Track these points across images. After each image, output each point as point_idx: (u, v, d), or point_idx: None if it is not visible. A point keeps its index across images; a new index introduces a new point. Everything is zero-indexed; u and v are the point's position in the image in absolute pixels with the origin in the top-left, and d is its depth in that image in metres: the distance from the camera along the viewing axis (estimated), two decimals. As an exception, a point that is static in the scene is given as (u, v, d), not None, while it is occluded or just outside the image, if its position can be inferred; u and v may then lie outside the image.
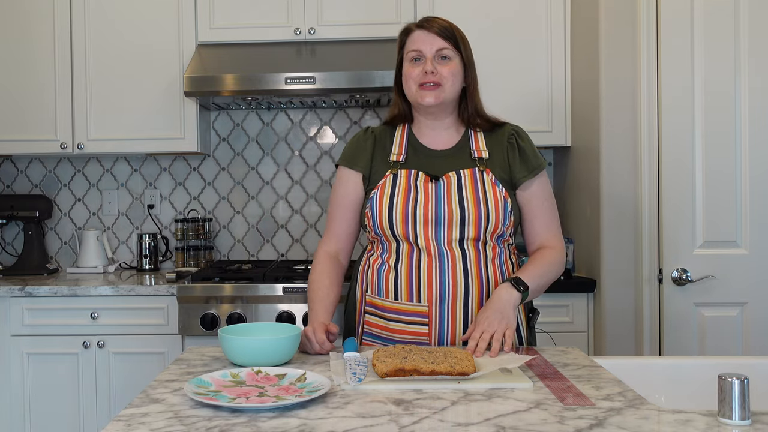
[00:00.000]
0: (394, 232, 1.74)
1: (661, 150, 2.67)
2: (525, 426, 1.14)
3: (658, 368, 1.61)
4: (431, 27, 1.77)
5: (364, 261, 1.86)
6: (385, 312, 1.77)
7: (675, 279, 2.66)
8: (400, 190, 1.76)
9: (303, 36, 3.13)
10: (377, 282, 1.79)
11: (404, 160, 1.80)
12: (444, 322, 1.73)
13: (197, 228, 3.39)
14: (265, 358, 1.48)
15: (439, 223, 1.72)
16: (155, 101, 3.17)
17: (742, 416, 1.12)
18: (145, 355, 2.87)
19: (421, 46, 1.76)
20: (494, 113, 1.87)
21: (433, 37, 1.76)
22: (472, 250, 1.73)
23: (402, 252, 1.75)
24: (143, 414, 1.21)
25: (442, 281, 1.72)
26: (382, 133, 1.87)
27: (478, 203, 1.72)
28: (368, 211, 1.78)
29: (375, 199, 1.77)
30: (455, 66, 1.77)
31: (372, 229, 1.79)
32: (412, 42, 1.78)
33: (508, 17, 3.10)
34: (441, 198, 1.73)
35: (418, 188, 1.75)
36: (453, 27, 1.79)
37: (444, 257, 1.72)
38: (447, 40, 1.76)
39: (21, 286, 2.90)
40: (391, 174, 1.78)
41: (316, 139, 3.50)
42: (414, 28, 1.80)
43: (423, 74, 1.74)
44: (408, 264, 1.74)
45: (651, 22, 2.68)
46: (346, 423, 1.15)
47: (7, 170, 3.54)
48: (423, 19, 1.81)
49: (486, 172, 1.76)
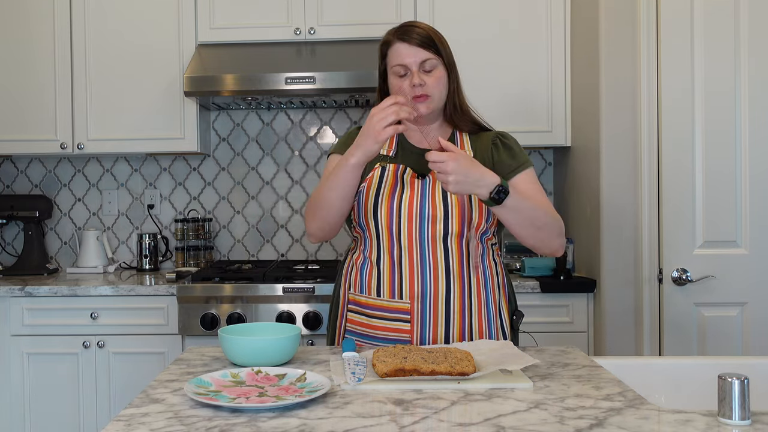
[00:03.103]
0: (378, 225, 1.75)
1: (661, 150, 2.67)
2: (525, 426, 1.14)
3: (658, 368, 1.61)
4: (412, 38, 1.76)
5: (348, 260, 1.87)
6: (367, 309, 1.78)
7: (675, 279, 2.66)
8: (387, 184, 1.77)
9: (303, 36, 3.13)
10: (360, 279, 1.80)
11: (393, 155, 1.83)
12: (426, 320, 1.74)
13: (197, 228, 3.39)
14: (265, 358, 1.48)
15: (423, 218, 1.73)
16: (155, 101, 3.17)
17: (742, 416, 1.12)
18: (145, 355, 2.87)
19: (405, 60, 1.76)
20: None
21: (416, 49, 1.75)
22: (455, 247, 1.74)
23: (383, 249, 1.76)
24: (143, 414, 1.21)
25: (423, 278, 1.73)
26: None
27: (461, 199, 1.74)
28: (355, 204, 1.79)
29: (362, 191, 1.78)
30: (440, 73, 1.78)
31: (357, 222, 1.81)
32: (395, 56, 1.78)
33: (508, 17, 3.10)
34: (426, 194, 1.75)
35: (404, 183, 1.77)
36: (432, 33, 1.79)
37: (426, 254, 1.73)
38: (429, 50, 1.76)
39: (21, 286, 2.90)
40: (379, 167, 1.79)
41: (316, 139, 3.50)
42: (394, 40, 1.79)
43: (411, 88, 1.75)
44: (390, 261, 1.75)
45: (651, 22, 2.68)
46: (346, 423, 1.15)
47: (7, 170, 3.54)
48: (402, 30, 1.79)
49: None
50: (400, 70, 1.77)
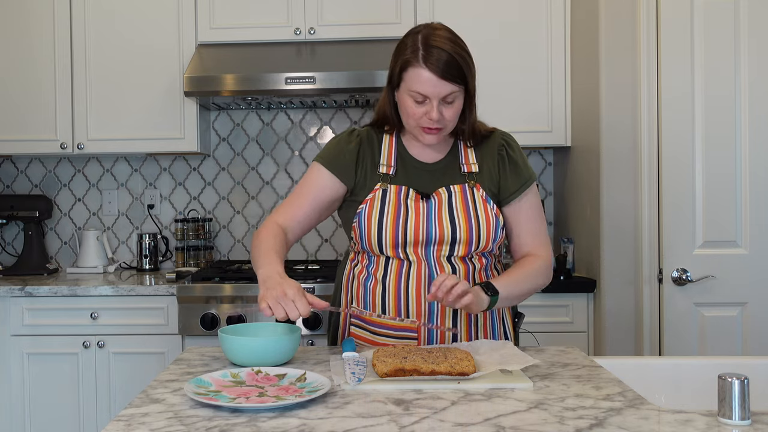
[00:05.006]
0: (383, 250, 1.70)
1: (661, 150, 2.67)
2: (525, 426, 1.14)
3: (658, 368, 1.61)
4: (437, 67, 1.59)
5: (348, 270, 1.81)
6: (371, 326, 1.74)
7: (675, 279, 2.66)
8: (390, 208, 1.70)
9: (303, 36, 3.13)
10: (363, 295, 1.75)
11: (394, 173, 1.73)
12: (433, 338, 1.71)
13: (197, 228, 3.39)
14: (265, 358, 1.48)
15: (430, 243, 1.68)
16: (155, 101, 3.17)
17: (742, 416, 1.12)
18: (145, 355, 2.87)
19: (427, 91, 1.61)
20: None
21: (441, 82, 1.60)
22: (461, 264, 1.71)
23: (390, 267, 1.71)
24: (143, 414, 1.21)
25: None
26: (369, 138, 1.78)
27: (469, 223, 1.68)
28: (356, 225, 1.72)
29: (363, 215, 1.71)
30: (459, 104, 1.66)
31: (359, 243, 1.74)
32: (416, 82, 1.62)
33: (508, 17, 3.10)
34: (432, 217, 1.68)
35: (408, 207, 1.69)
36: (460, 58, 1.61)
37: (433, 274, 1.69)
38: (454, 81, 1.61)
39: (21, 286, 2.90)
40: (380, 189, 1.72)
41: (316, 139, 3.50)
42: (418, 63, 1.61)
43: (427, 119, 1.64)
44: (396, 279, 1.70)
45: (651, 22, 2.68)
46: (346, 423, 1.15)
47: (7, 170, 3.54)
48: (428, 52, 1.60)
49: (476, 188, 1.72)
50: (419, 97, 1.63)
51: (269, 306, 1.47)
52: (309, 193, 1.76)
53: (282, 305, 1.46)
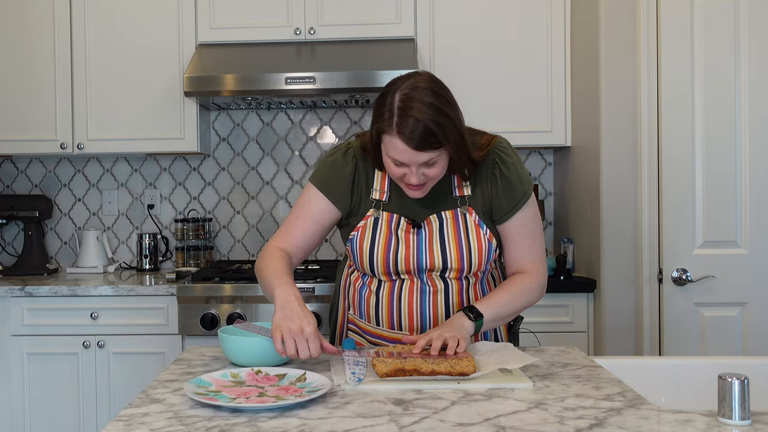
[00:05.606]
0: (375, 274, 1.70)
1: (661, 150, 2.67)
2: (525, 426, 1.14)
3: (658, 368, 1.61)
4: (411, 139, 1.49)
5: (346, 275, 1.82)
6: (366, 335, 1.76)
7: (675, 279, 2.66)
8: (381, 237, 1.68)
9: (303, 36, 3.13)
10: (358, 303, 1.76)
11: (387, 200, 1.70)
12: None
13: (197, 228, 3.39)
14: (265, 358, 1.48)
15: (421, 271, 1.68)
16: (155, 101, 3.17)
17: (742, 416, 1.12)
18: (145, 355, 2.87)
19: (404, 159, 1.53)
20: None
21: (417, 153, 1.51)
22: (455, 281, 1.70)
23: (383, 284, 1.71)
24: (143, 414, 1.21)
25: (423, 311, 1.69)
26: (364, 159, 1.72)
27: (460, 251, 1.66)
28: (349, 249, 1.73)
29: (355, 242, 1.70)
30: (444, 162, 1.57)
31: (352, 262, 1.76)
32: (392, 149, 1.53)
33: (508, 17, 3.10)
34: (423, 248, 1.67)
35: (399, 238, 1.67)
36: (436, 125, 1.49)
37: (426, 288, 1.69)
38: (431, 149, 1.51)
39: (21, 286, 2.90)
40: (372, 216, 1.70)
41: (316, 139, 3.50)
42: (392, 133, 1.51)
43: (407, 178, 1.58)
44: (389, 292, 1.70)
45: (651, 22, 2.68)
46: (346, 423, 1.15)
47: (7, 170, 3.54)
48: (401, 120, 1.49)
49: (469, 213, 1.68)
50: (397, 162, 1.56)
51: (282, 339, 1.44)
52: (308, 217, 1.73)
53: (296, 342, 1.44)
